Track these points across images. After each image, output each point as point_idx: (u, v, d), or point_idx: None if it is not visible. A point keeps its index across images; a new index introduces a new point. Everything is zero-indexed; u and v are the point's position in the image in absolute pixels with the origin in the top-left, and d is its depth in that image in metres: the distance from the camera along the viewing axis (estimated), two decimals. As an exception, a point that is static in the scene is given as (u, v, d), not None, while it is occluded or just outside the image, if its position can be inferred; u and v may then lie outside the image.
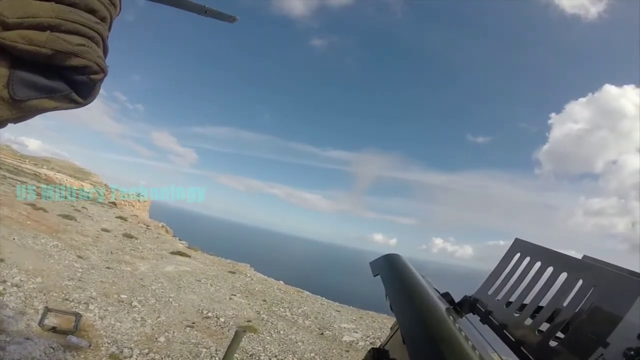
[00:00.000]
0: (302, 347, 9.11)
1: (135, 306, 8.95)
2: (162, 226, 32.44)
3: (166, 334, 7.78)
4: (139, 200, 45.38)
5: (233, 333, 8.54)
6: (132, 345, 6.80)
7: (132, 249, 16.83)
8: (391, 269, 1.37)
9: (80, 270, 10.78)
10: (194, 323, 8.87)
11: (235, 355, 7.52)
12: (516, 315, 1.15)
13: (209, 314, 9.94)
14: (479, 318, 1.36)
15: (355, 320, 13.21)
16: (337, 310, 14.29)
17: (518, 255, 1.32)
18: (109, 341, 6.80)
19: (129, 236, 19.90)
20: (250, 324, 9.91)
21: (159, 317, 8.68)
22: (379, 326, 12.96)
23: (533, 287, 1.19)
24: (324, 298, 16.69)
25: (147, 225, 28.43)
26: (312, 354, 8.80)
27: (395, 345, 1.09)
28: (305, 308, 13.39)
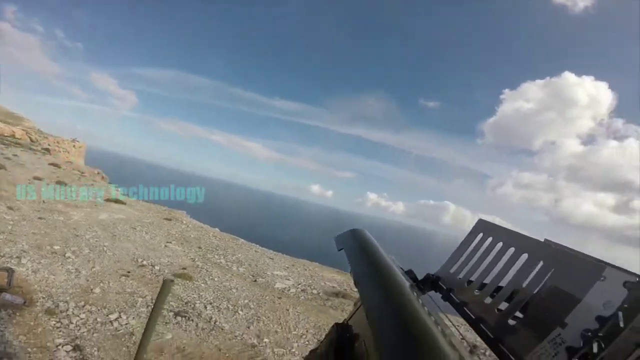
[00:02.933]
0: (236, 294, 10.02)
1: (69, 257, 9.46)
2: (98, 172, 31.83)
3: (101, 284, 8.41)
4: (74, 147, 43.16)
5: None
6: (68, 298, 7.39)
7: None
8: (356, 244, 1.38)
9: (11, 222, 10.97)
10: (129, 272, 9.49)
11: (172, 302, 8.29)
12: (476, 293, 1.20)
13: (144, 262, 10.62)
14: (440, 295, 1.43)
15: (287, 268, 14.35)
16: (271, 258, 15.38)
17: (481, 235, 1.36)
18: (44, 296, 7.29)
19: (62, 183, 19.62)
20: (185, 271, 10.67)
21: (93, 267, 9.27)
22: (310, 274, 14.16)
23: (494, 267, 1.23)
24: (258, 246, 17.70)
25: (82, 172, 27.90)
26: (246, 301, 9.74)
27: (359, 320, 1.08)
28: (239, 255, 14.33)
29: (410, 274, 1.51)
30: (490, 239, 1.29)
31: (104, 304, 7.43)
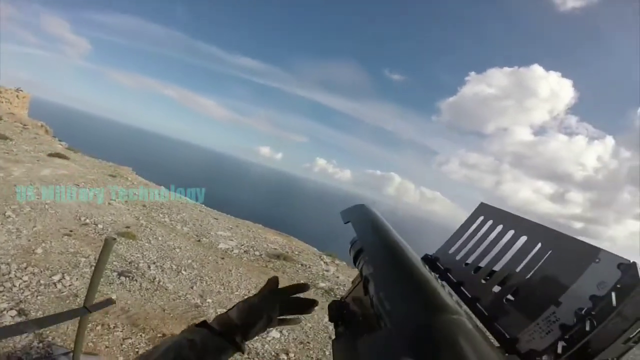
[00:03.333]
0: (179, 254, 10.27)
1: (10, 216, 9.26)
2: (42, 125, 30.07)
3: (43, 244, 8.36)
4: (17, 97, 39.90)
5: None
6: (9, 260, 7.33)
7: (6, 152, 16.00)
8: (365, 219, 1.31)
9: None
10: (71, 231, 9.46)
11: (115, 262, 8.45)
12: (473, 274, 1.19)
13: (87, 221, 10.57)
14: (437, 275, 1.36)
15: (231, 228, 14.64)
16: (215, 218, 15.60)
17: (481, 218, 1.35)
18: (-17, 257, 7.20)
19: (2, 137, 18.55)
20: (128, 230, 10.75)
21: (35, 226, 9.15)
22: (254, 236, 14.54)
23: (492, 249, 1.22)
24: (203, 205, 17.74)
25: (24, 125, 26.26)
26: (189, 261, 10.03)
27: (357, 297, 1.04)
28: (184, 214, 14.45)
29: None
30: (490, 221, 1.30)
31: (47, 265, 7.45)
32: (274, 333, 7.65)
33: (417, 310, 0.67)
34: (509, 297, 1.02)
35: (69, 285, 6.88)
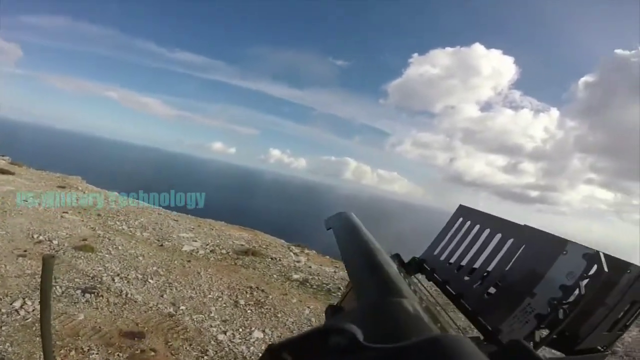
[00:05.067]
0: (143, 262, 9.94)
1: (-46, 242, 8.56)
2: None
3: (-3, 268, 7.81)
4: None
5: (69, 256, 8.92)
6: (-36, 289, 6.80)
7: None
8: (346, 226, 1.37)
9: None
10: (25, 251, 8.92)
11: (77, 279, 8.07)
12: (457, 272, 1.35)
13: (41, 238, 9.99)
14: (425, 276, 1.59)
15: (193, 229, 14.31)
16: (175, 220, 15.18)
17: (461, 219, 1.51)
18: None
19: None
20: (86, 242, 10.26)
21: (-16, 250, 8.50)
22: (217, 234, 14.28)
23: (472, 248, 1.39)
24: (161, 208, 17.19)
25: None
26: (155, 268, 9.71)
27: (350, 302, 1.09)
28: (142, 220, 13.98)
29: (396, 257, 1.64)
30: (469, 222, 1.47)
31: (5, 292, 6.97)
32: (257, 333, 7.58)
33: (374, 294, 0.78)
34: (489, 292, 1.17)
35: (32, 310, 6.44)
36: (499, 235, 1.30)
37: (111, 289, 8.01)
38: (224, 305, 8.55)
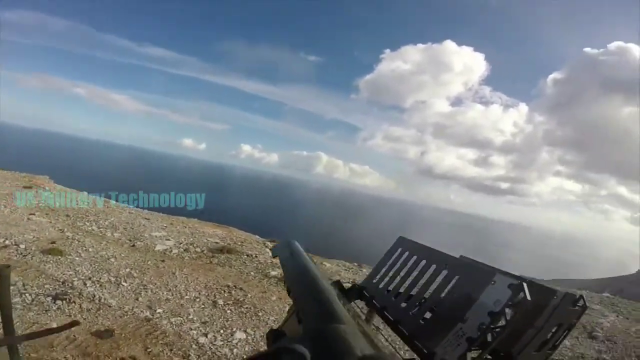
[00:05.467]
0: (115, 264, 9.63)
1: None
2: None
3: (-42, 277, 7.35)
4: None
5: (38, 260, 8.56)
6: None
7: None
8: (291, 255, 1.42)
9: None
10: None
11: (47, 285, 7.75)
12: (394, 299, 1.42)
13: (7, 242, 9.50)
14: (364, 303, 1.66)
15: (166, 227, 14.00)
16: (146, 219, 14.80)
17: (400, 250, 1.59)
18: None
19: None
20: (54, 245, 9.86)
21: (-54, 258, 8.02)
22: (191, 231, 14.02)
23: (409, 276, 1.47)
24: (131, 207, 16.73)
25: None
26: (128, 269, 9.42)
27: (292, 326, 1.12)
28: (112, 219, 13.56)
29: (337, 284, 1.67)
30: (407, 253, 1.55)
31: (-30, 303, 6.63)
32: (239, 334, 7.45)
33: (316, 320, 0.84)
34: (425, 317, 1.23)
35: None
36: (434, 266, 1.40)
37: (83, 294, 7.70)
38: (202, 306, 8.36)
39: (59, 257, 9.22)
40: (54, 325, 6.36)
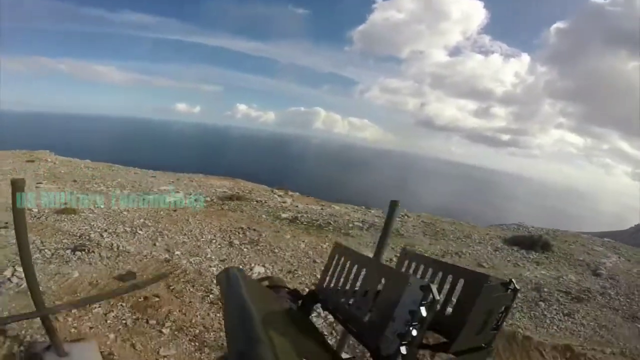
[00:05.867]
0: (129, 216, 9.74)
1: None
2: None
3: (-20, 243, 7.41)
4: None
5: (52, 220, 8.63)
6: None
7: None
8: (227, 285, 1.41)
9: None
10: (7, 223, 8.50)
11: (64, 240, 7.85)
12: (342, 300, 1.51)
13: (19, 207, 9.50)
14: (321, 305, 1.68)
15: (173, 182, 14.13)
16: (153, 177, 14.92)
17: (337, 256, 1.65)
18: None
19: None
20: (67, 206, 9.88)
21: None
22: (198, 184, 14.19)
23: (348, 281, 1.54)
24: (136, 168, 16.68)
25: None
26: (142, 220, 9.55)
27: None
28: (119, 179, 13.65)
29: (294, 292, 1.75)
30: (342, 259, 1.59)
31: (-10, 263, 6.67)
32: (258, 268, 7.59)
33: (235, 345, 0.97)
34: (367, 316, 1.32)
35: (24, 277, 6.20)
36: (364, 271, 1.46)
37: (101, 244, 7.80)
38: (219, 246, 8.49)
39: (73, 215, 9.29)
40: (76, 274, 6.46)
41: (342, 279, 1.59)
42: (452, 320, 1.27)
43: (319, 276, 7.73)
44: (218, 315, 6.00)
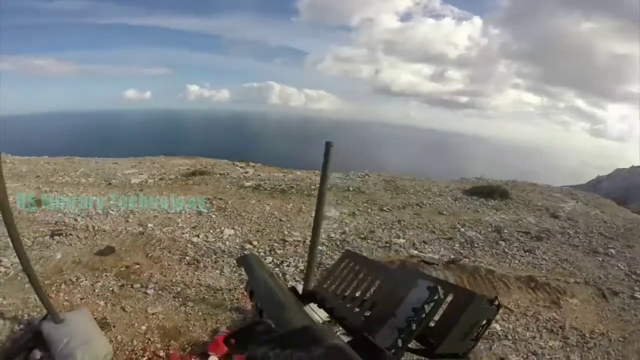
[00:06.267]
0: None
1: None
2: None
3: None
4: None
5: (25, 212, 8.96)
6: None
7: None
8: (252, 265, 1.67)
9: None
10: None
11: (41, 229, 8.16)
12: (341, 301, 1.58)
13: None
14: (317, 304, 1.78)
15: (135, 165, 14.41)
16: (115, 163, 15.05)
17: (346, 261, 1.79)
18: None
19: None
20: (35, 199, 10.14)
21: None
22: (161, 165, 14.51)
23: (352, 283, 1.64)
24: (97, 157, 16.68)
25: None
26: (111, 202, 9.97)
27: None
28: (82, 169, 13.76)
29: (293, 289, 1.77)
30: (352, 263, 1.76)
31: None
32: (228, 231, 8.28)
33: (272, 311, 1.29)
34: (365, 315, 1.40)
35: (11, 265, 6.51)
36: (372, 274, 1.60)
37: (77, 227, 8.23)
38: (188, 216, 9.12)
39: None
40: (59, 255, 6.91)
41: (346, 282, 1.73)
42: (435, 328, 1.33)
43: (285, 232, 8.44)
44: (196, 273, 6.64)
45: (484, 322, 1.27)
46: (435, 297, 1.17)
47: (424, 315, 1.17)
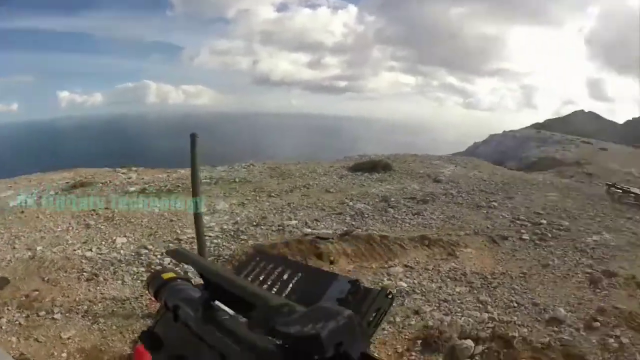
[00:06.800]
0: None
1: None
2: None
3: None
4: None
5: None
6: None
7: None
8: (189, 253, 1.24)
9: None
10: None
11: None
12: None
13: None
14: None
15: (11, 186, 13.44)
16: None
17: (257, 259, 1.56)
18: None
19: None
20: None
21: None
22: (38, 182, 13.83)
23: (267, 281, 1.44)
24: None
25: None
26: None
27: (167, 325, 0.96)
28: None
29: (199, 286, 1.45)
30: (263, 262, 1.54)
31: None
32: (120, 239, 8.64)
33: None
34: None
35: None
36: (287, 273, 1.45)
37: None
38: (77, 231, 9.15)
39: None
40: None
41: (258, 281, 1.47)
42: None
43: (178, 231, 8.76)
44: (98, 288, 6.81)
45: (382, 311, 1.23)
46: (357, 287, 1.20)
47: (350, 305, 1.15)
